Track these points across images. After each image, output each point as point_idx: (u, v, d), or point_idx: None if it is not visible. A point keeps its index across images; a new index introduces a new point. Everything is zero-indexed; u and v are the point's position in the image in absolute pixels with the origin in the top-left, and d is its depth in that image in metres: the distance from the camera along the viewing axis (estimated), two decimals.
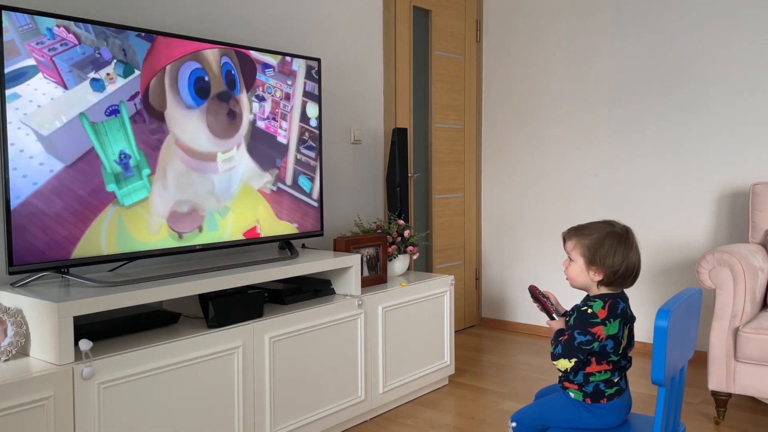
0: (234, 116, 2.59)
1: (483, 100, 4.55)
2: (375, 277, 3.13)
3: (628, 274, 1.84)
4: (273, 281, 2.77)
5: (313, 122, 2.96)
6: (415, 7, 4.00)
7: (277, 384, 2.47)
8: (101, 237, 2.19)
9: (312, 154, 2.96)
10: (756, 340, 2.70)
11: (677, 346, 1.59)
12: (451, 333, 3.35)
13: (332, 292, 2.91)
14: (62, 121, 2.08)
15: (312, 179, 2.96)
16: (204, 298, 2.34)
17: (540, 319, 4.35)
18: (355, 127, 3.61)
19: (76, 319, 1.96)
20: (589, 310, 1.80)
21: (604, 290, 1.85)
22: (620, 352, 1.80)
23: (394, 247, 3.28)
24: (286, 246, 2.95)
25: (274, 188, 2.79)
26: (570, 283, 1.90)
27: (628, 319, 1.84)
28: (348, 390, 2.79)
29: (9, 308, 1.95)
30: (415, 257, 3.54)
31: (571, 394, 1.86)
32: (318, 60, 2.96)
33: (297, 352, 2.54)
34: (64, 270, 2.16)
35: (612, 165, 4.03)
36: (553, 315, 1.95)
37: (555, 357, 1.82)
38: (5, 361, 1.92)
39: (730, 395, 2.85)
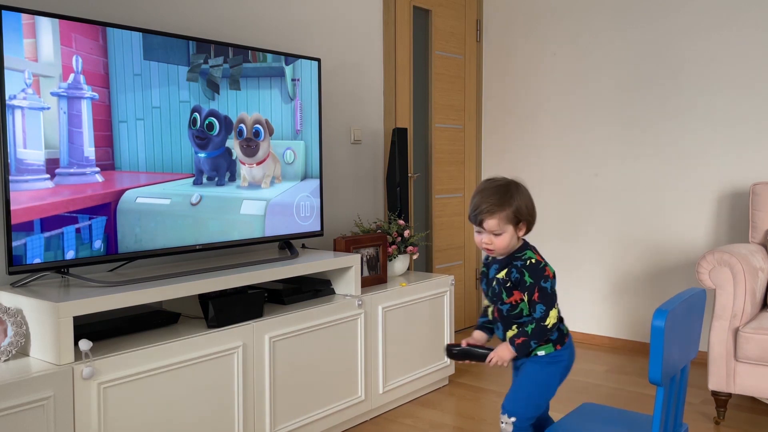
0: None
1: (483, 100, 4.55)
2: (375, 277, 3.13)
3: (535, 209, 1.93)
4: (273, 281, 2.77)
5: (314, 122, 2.96)
6: (415, 7, 4.00)
7: (277, 384, 2.47)
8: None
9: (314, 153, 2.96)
10: (756, 340, 2.70)
11: (677, 346, 1.59)
12: (451, 333, 3.35)
13: (332, 292, 2.91)
14: None
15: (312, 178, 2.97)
16: (204, 298, 2.34)
17: None
18: (355, 127, 3.61)
19: (76, 319, 1.96)
20: (533, 260, 1.87)
21: (519, 240, 1.92)
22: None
23: (394, 247, 3.28)
24: (286, 246, 2.95)
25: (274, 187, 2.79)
26: (496, 254, 1.91)
27: None
28: (348, 390, 2.78)
29: (9, 308, 1.95)
30: (415, 257, 3.54)
31: (541, 353, 1.90)
32: (318, 60, 2.96)
33: (297, 352, 2.54)
34: (64, 270, 2.16)
35: (612, 165, 4.03)
36: (486, 349, 1.94)
37: (543, 317, 1.83)
38: (5, 361, 1.92)
39: (730, 395, 2.85)
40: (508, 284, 1.88)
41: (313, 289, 2.81)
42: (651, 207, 3.90)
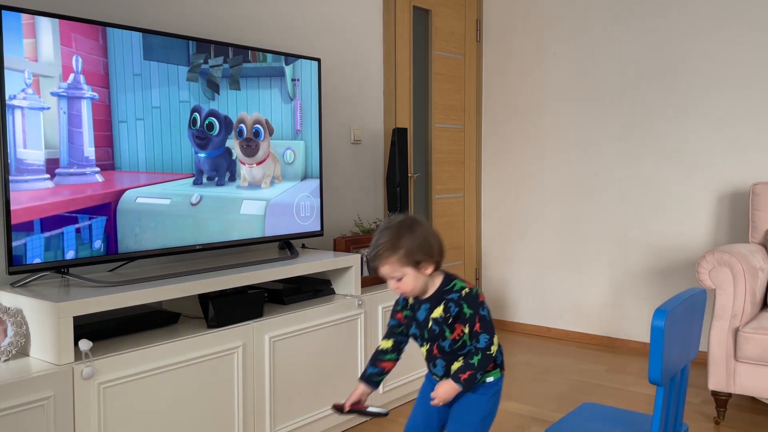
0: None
1: (483, 100, 4.55)
2: (375, 277, 3.13)
3: (442, 244, 1.80)
4: (273, 281, 2.77)
5: (314, 122, 2.96)
6: (415, 7, 4.00)
7: (277, 384, 2.46)
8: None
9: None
10: (756, 340, 2.69)
11: (677, 346, 1.59)
12: None
13: (332, 292, 2.91)
14: None
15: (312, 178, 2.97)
16: (204, 298, 2.34)
17: (540, 318, 4.35)
18: (355, 127, 3.61)
19: (76, 319, 1.96)
20: (466, 290, 1.78)
21: (438, 274, 1.80)
22: None
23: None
24: (286, 246, 2.95)
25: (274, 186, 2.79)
26: (411, 295, 1.81)
27: None
28: (348, 390, 2.77)
29: (9, 308, 1.95)
30: None
31: (490, 379, 1.82)
32: (318, 60, 2.96)
33: (297, 352, 2.54)
34: (64, 270, 2.16)
35: (612, 165, 4.03)
36: (378, 410, 1.86)
37: (488, 347, 1.74)
38: (5, 361, 1.92)
39: (730, 395, 2.85)
40: (450, 320, 1.77)
41: (313, 289, 2.81)
42: (651, 207, 3.90)
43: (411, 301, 1.85)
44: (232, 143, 2.64)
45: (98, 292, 2.03)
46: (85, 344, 1.91)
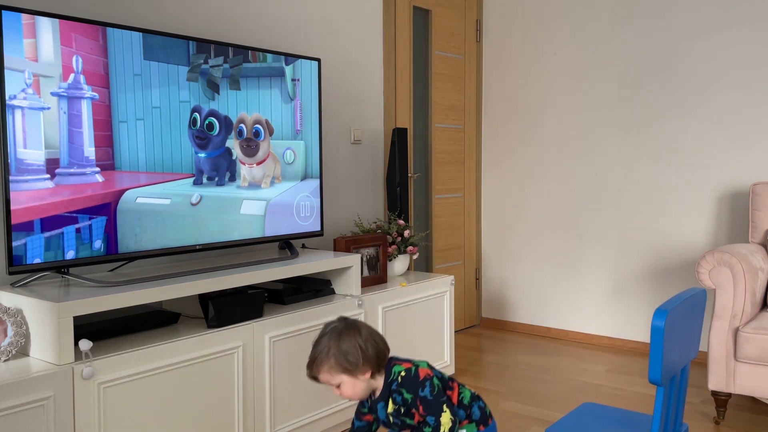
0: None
1: (483, 100, 4.55)
2: (375, 277, 3.13)
3: (381, 346, 1.76)
4: (273, 281, 2.77)
5: (314, 122, 2.96)
6: (415, 7, 4.00)
7: (277, 384, 2.47)
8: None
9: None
10: (756, 340, 2.70)
11: (677, 346, 1.59)
12: (451, 333, 3.35)
13: (332, 292, 2.91)
14: None
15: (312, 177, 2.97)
16: (204, 298, 2.34)
17: (540, 318, 4.36)
18: (355, 127, 3.61)
19: (76, 319, 1.96)
20: (402, 373, 1.74)
21: (379, 375, 1.77)
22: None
23: (394, 247, 3.28)
24: (286, 246, 2.95)
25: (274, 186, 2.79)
26: (356, 399, 1.79)
27: None
28: None
29: (9, 308, 1.95)
30: (415, 257, 3.54)
31: None
32: (318, 60, 2.96)
33: (297, 352, 2.54)
34: (64, 270, 2.16)
35: (612, 165, 4.03)
36: None
37: (437, 428, 1.69)
38: (5, 361, 1.92)
39: (730, 395, 2.85)
40: (403, 411, 1.75)
41: (313, 289, 2.81)
42: (651, 207, 3.90)
43: (369, 401, 1.83)
44: (232, 143, 2.64)
45: (98, 292, 2.03)
46: (85, 344, 1.91)
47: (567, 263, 4.22)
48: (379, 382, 1.77)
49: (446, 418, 1.70)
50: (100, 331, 2.14)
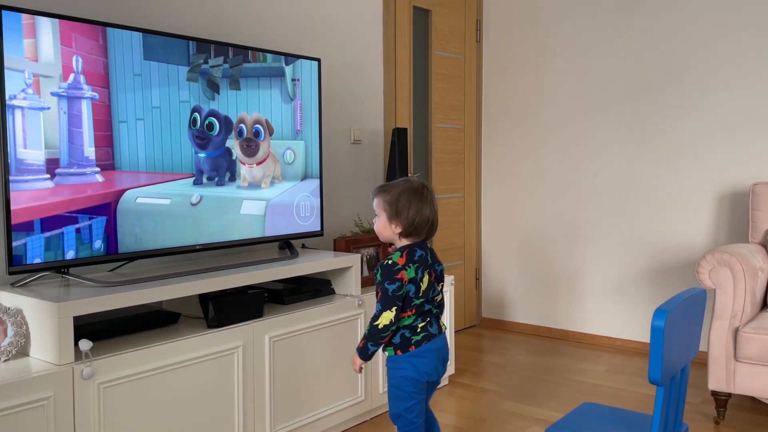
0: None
1: (483, 100, 4.55)
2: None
3: (423, 225, 1.99)
4: (273, 281, 2.77)
5: (314, 122, 2.96)
6: (415, 7, 4.00)
7: (277, 384, 2.47)
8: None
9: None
10: (756, 340, 2.70)
11: (677, 346, 1.59)
12: (451, 333, 3.35)
13: (332, 292, 2.91)
14: None
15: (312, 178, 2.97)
16: (204, 298, 2.34)
17: (539, 319, 4.36)
18: (355, 127, 3.61)
19: (76, 319, 1.96)
20: (390, 261, 1.96)
21: (405, 242, 2.01)
22: (421, 295, 1.96)
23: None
24: (286, 246, 2.95)
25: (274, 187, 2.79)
26: (379, 237, 2.04)
27: (428, 266, 1.99)
28: (348, 390, 2.78)
29: (9, 308, 1.95)
30: None
31: (387, 353, 2.00)
32: (318, 60, 2.96)
33: (297, 352, 2.54)
34: (64, 270, 2.16)
35: (612, 165, 4.03)
36: None
37: (376, 317, 1.92)
38: (5, 361, 1.92)
39: (730, 395, 2.85)
40: (377, 287, 1.98)
41: (313, 289, 2.81)
42: (651, 207, 3.91)
43: None
44: (232, 143, 2.64)
45: (98, 292, 2.03)
46: (85, 344, 1.91)
47: (567, 263, 4.22)
48: (399, 244, 2.02)
49: (388, 315, 1.92)
50: (100, 331, 2.14)
